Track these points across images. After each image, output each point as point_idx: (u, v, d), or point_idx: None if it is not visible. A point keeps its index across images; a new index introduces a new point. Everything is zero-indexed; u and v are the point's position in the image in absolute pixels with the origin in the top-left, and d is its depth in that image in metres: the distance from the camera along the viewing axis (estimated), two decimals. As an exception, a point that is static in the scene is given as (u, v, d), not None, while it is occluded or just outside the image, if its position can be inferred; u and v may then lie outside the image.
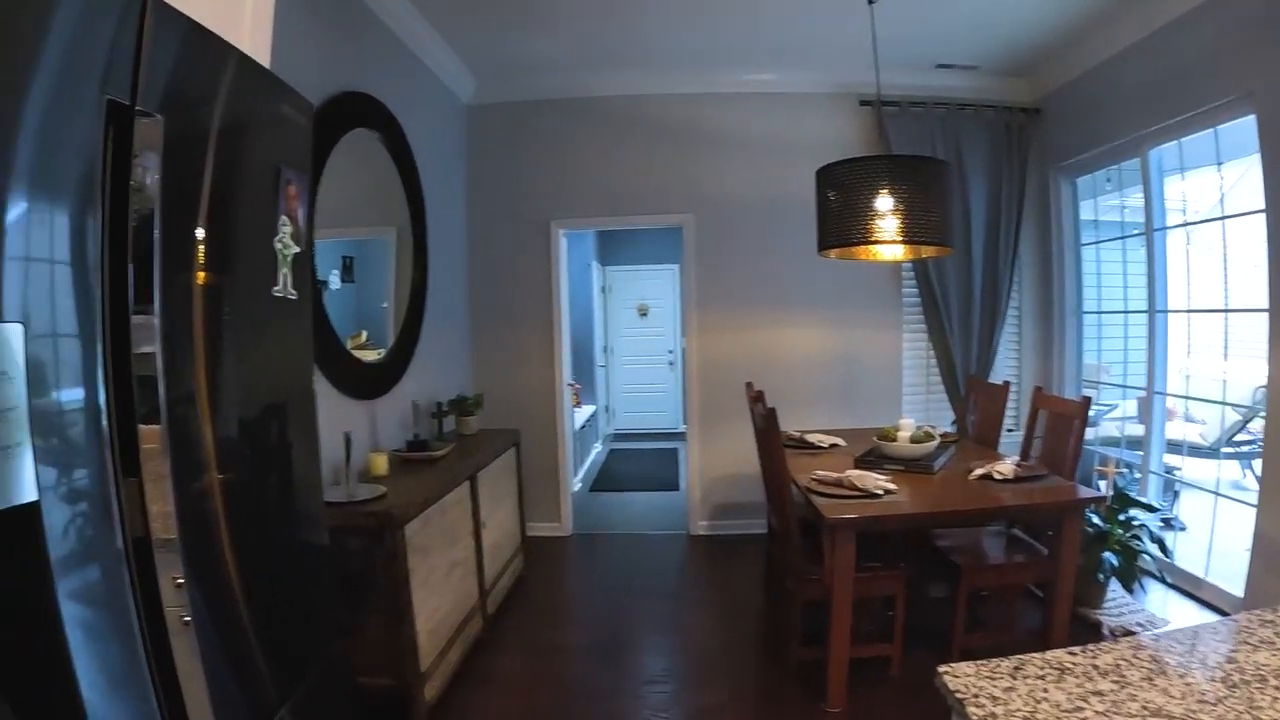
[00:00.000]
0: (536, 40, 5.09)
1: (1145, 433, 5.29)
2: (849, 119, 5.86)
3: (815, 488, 3.46)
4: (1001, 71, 5.88)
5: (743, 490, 5.92)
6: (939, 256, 4.77)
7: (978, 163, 5.86)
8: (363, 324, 4.15)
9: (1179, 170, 5.01)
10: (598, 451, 9.97)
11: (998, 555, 3.80)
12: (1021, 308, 6.23)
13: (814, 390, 5.99)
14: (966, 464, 3.88)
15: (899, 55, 5.16)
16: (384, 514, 2.96)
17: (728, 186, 5.94)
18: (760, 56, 5.55)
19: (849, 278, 5.87)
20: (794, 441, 4.52)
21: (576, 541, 6.00)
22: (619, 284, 11.24)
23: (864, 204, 3.52)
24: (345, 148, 3.71)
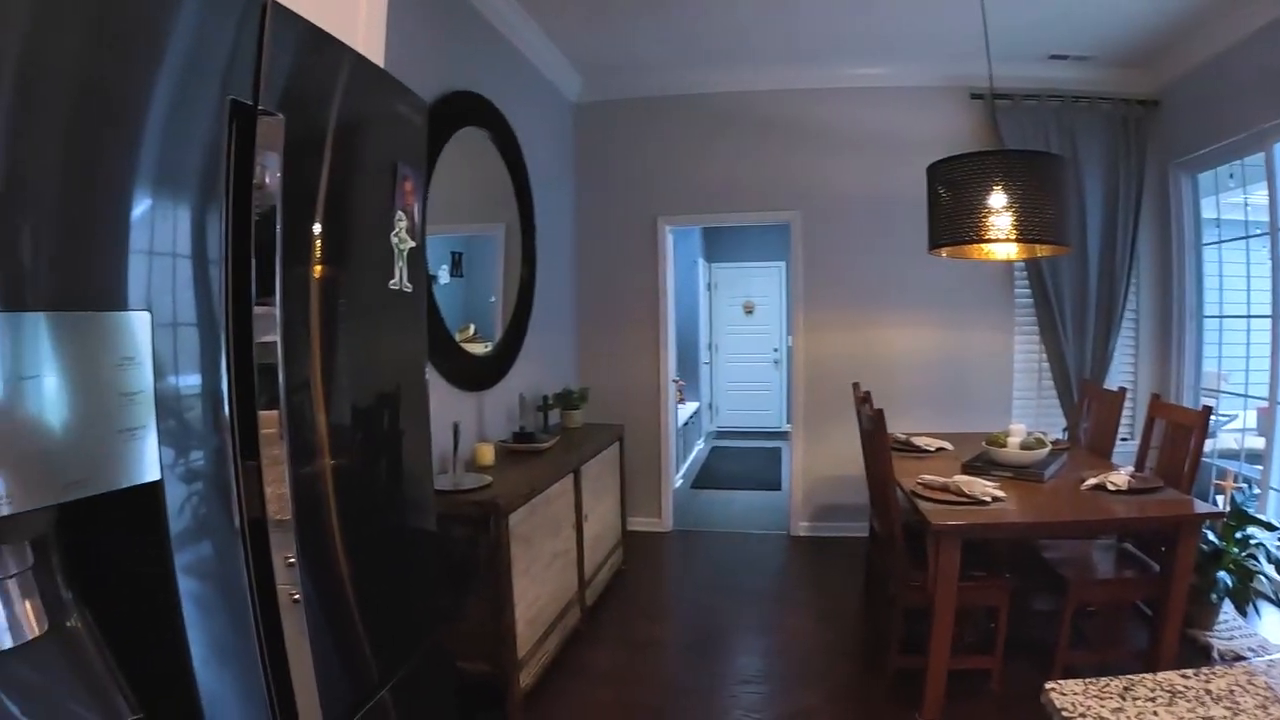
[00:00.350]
0: (643, 38, 5.13)
1: (1266, 446, 4.95)
2: (960, 113, 5.70)
3: (921, 492, 3.37)
4: (1118, 62, 5.57)
5: (845, 492, 5.84)
6: (1054, 256, 4.58)
7: (1093, 158, 5.61)
8: (471, 318, 4.25)
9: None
10: (700, 449, 9.97)
11: (1107, 570, 3.64)
12: (1139, 310, 5.92)
13: (921, 392, 5.85)
14: (1078, 473, 3.72)
15: (1011, 46, 4.97)
16: (489, 503, 3.03)
17: (835, 183, 5.86)
18: (868, 49, 5.44)
19: (959, 277, 5.71)
20: (900, 444, 4.42)
21: (676, 538, 6.02)
22: (725, 281, 11.21)
23: (976, 201, 3.41)
24: (455, 145, 3.80)
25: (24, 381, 0.83)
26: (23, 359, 0.82)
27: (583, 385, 5.33)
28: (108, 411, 0.92)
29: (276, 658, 1.25)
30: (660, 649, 4.06)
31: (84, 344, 0.89)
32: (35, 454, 0.84)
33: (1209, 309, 5.72)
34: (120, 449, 0.94)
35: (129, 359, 0.94)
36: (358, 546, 1.53)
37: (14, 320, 0.82)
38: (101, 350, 0.91)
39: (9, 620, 0.89)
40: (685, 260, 9.54)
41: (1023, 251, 3.94)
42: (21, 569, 0.92)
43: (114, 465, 0.93)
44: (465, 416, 3.90)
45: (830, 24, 5.00)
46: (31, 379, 0.83)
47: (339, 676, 1.43)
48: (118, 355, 0.93)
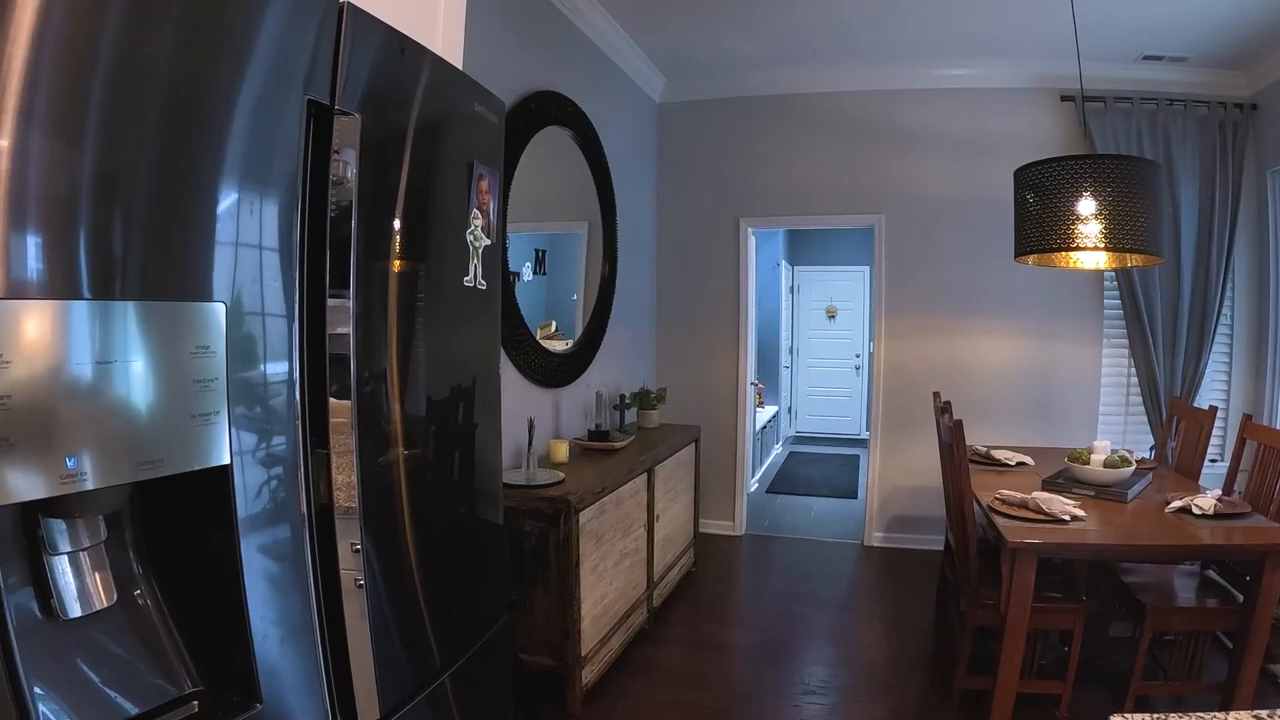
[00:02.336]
0: (726, 38, 5.12)
1: None
2: (1049, 116, 5.52)
3: (998, 507, 3.28)
4: (1215, 63, 5.30)
5: (922, 504, 5.73)
6: (1146, 266, 4.40)
7: (1188, 164, 5.35)
8: (552, 315, 4.31)
9: None
10: (777, 453, 9.90)
11: (1188, 597, 3.46)
12: (1233, 325, 5.63)
13: (1003, 404, 5.70)
14: (1163, 494, 3.57)
15: (1102, 46, 4.82)
16: (560, 499, 3.07)
17: (920, 187, 5.74)
18: (955, 49, 5.32)
19: (1046, 286, 5.55)
20: (980, 457, 4.32)
21: (748, 542, 5.99)
22: (807, 284, 11.11)
23: (1065, 207, 3.30)
24: (539, 144, 3.86)
25: (106, 366, 0.88)
26: (107, 345, 0.88)
27: (660, 385, 5.36)
28: (183, 397, 0.97)
29: (337, 641, 1.29)
30: (726, 652, 4.05)
31: (163, 333, 0.94)
32: (113, 434, 0.89)
33: None
34: (193, 433, 0.98)
35: (204, 348, 0.99)
36: (426, 536, 1.57)
37: (101, 309, 0.87)
38: (179, 339, 0.96)
39: (79, 590, 0.94)
40: (767, 262, 9.48)
41: (1113, 261, 3.81)
42: (94, 542, 0.97)
43: (187, 448, 0.98)
44: (541, 413, 3.95)
45: (918, 23, 4.91)
46: (113, 364, 0.88)
47: (400, 662, 1.47)
48: (193, 344, 0.98)
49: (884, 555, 5.69)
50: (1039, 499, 3.25)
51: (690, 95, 5.97)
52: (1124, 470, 3.66)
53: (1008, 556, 3.01)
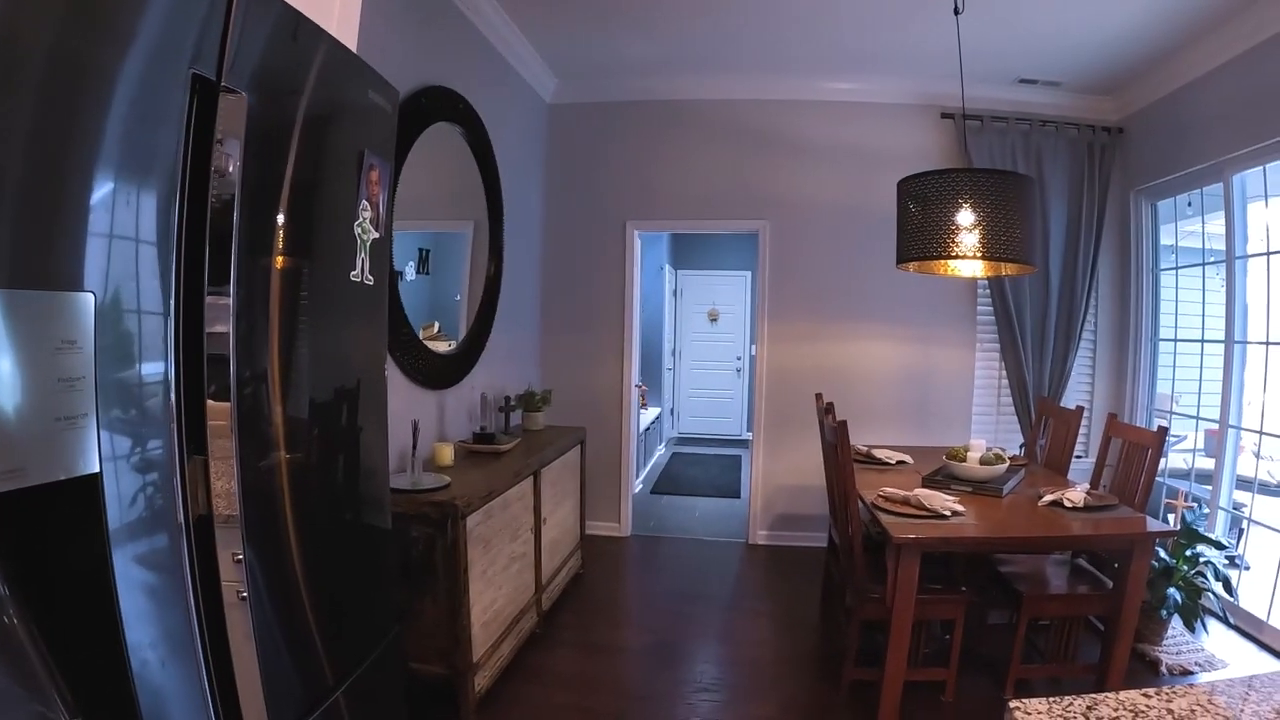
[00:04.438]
0: (619, 42, 5.11)
1: (1215, 467, 5.08)
2: (930, 131, 5.76)
3: (882, 505, 3.37)
4: (1085, 89, 5.71)
5: (805, 502, 5.86)
6: (1019, 275, 4.61)
7: (1058, 181, 5.71)
8: (436, 315, 4.20)
9: (1262, 197, 4.84)
10: (661, 454, 9.96)
11: (1060, 585, 3.65)
12: (1097, 331, 6.05)
13: (882, 405, 5.89)
14: (1036, 489, 3.76)
15: (982, 68, 5.07)
16: (447, 504, 2.98)
17: (806, 194, 5.88)
18: (843, 64, 5.48)
19: (924, 292, 5.77)
20: (861, 456, 4.42)
21: (635, 543, 5.98)
22: (690, 288, 11.23)
23: (946, 217, 3.43)
24: (428, 140, 3.75)
25: (-45, 363, 0.78)
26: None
27: (546, 387, 5.29)
28: (46, 398, 0.87)
29: (221, 658, 1.20)
30: (617, 654, 4.03)
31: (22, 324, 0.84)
32: (-35, 440, 0.79)
33: (1164, 332, 5.84)
34: (59, 438, 0.89)
35: (70, 343, 0.90)
36: (312, 545, 1.49)
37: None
38: (41, 332, 0.86)
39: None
40: (651, 266, 9.53)
41: (989, 269, 3.97)
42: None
43: (52, 455, 0.88)
44: (425, 415, 3.84)
45: (808, 38, 5.03)
46: (-37, 360, 0.79)
47: (290, 678, 1.38)
48: (58, 338, 0.88)
49: (769, 553, 5.77)
50: (921, 495, 3.36)
51: (582, 97, 5.94)
52: (999, 467, 3.82)
53: (893, 552, 3.09)
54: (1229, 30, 4.59)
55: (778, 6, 4.56)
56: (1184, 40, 4.82)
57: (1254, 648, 4.24)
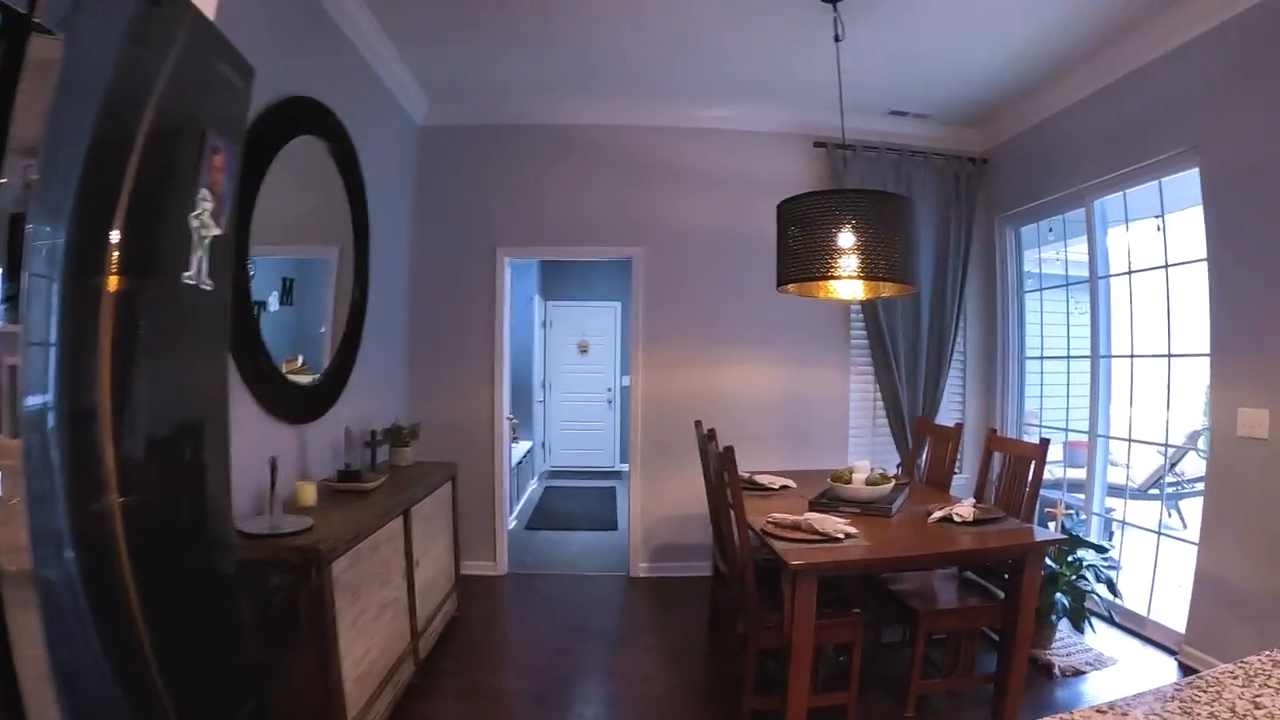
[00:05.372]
0: (493, 62, 4.98)
1: (1087, 475, 5.36)
2: (804, 159, 5.87)
3: (773, 531, 3.28)
4: (953, 121, 5.99)
5: (686, 532, 5.76)
6: (899, 295, 4.65)
7: (927, 208, 5.90)
8: (299, 348, 3.91)
9: (1123, 221, 5.09)
10: (534, 488, 9.74)
11: (952, 599, 3.67)
12: (966, 351, 6.29)
13: (760, 430, 5.87)
14: (923, 506, 3.79)
15: (854, 99, 5.15)
16: (309, 549, 2.70)
17: (681, 221, 5.86)
18: (721, 92, 5.53)
19: (799, 316, 5.82)
20: (744, 483, 4.31)
21: (512, 581, 5.74)
22: (560, 319, 11.10)
23: (826, 239, 3.42)
24: (292, 155, 3.48)
25: None
26: None
27: (414, 421, 5.02)
28: None
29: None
30: (501, 700, 3.78)
31: None
32: None
33: (1032, 350, 6.08)
34: None
35: None
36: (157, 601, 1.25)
37: None
38: None
39: None
40: (522, 296, 9.35)
41: (869, 291, 4.01)
42: None
43: None
44: (286, 451, 3.54)
45: (688, 65, 5.04)
46: None
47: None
48: None
49: (651, 585, 5.63)
50: (811, 520, 3.29)
51: (455, 119, 5.74)
52: (884, 486, 3.83)
53: (789, 579, 3.01)
54: (1087, 68, 4.88)
55: (656, 32, 4.55)
56: (1045, 77, 5.10)
57: (1138, 643, 4.47)
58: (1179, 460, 7.81)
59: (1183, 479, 8.16)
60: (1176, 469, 7.88)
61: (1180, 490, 7.95)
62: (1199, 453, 8.48)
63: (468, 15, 4.35)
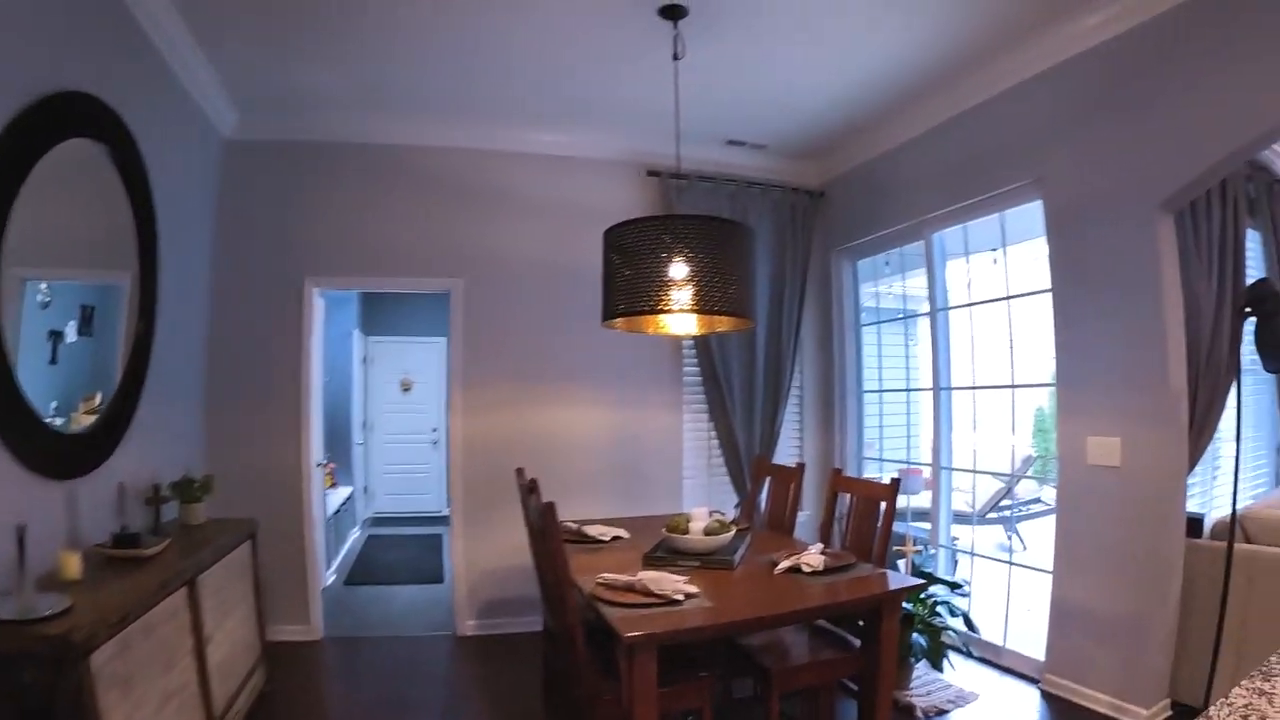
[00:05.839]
0: (309, 74, 4.58)
1: (933, 506, 5.39)
2: (636, 188, 5.71)
3: (604, 595, 2.93)
4: (790, 153, 6.00)
5: (516, 584, 5.39)
6: (736, 330, 4.46)
7: (763, 242, 5.85)
8: (99, 385, 3.36)
9: (963, 254, 5.17)
10: (355, 538, 9.10)
11: (804, 652, 3.43)
12: (803, 387, 6.25)
13: (590, 475, 5.60)
14: (768, 555, 3.56)
15: (691, 127, 5.07)
16: (60, 638, 2.15)
17: (505, 251, 5.55)
18: (551, 116, 5.29)
19: (629, 352, 5.63)
20: (571, 535, 3.99)
21: (330, 647, 5.16)
22: (382, 356, 10.55)
23: (657, 269, 3.18)
24: (66, 163, 2.93)
25: None
26: None
27: (208, 472, 4.41)
28: None
29: None
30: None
31: None
32: None
33: (869, 384, 6.13)
34: None
35: None
36: None
37: None
38: None
39: None
40: (339, 331, 8.75)
41: (702, 325, 3.79)
42: None
43: None
44: (48, 514, 2.93)
45: (511, 83, 4.77)
46: None
47: None
48: None
49: (480, 645, 5.21)
50: (646, 580, 2.97)
51: (265, 133, 5.20)
52: (724, 535, 3.57)
53: (625, 653, 2.65)
54: (930, 102, 4.97)
55: (482, 45, 4.26)
56: (887, 110, 5.15)
57: (996, 673, 4.49)
58: (1014, 486, 8.12)
59: (1018, 503, 8.49)
60: (1013, 493, 8.19)
61: (1017, 514, 8.26)
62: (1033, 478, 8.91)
63: (278, 19, 3.92)
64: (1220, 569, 3.63)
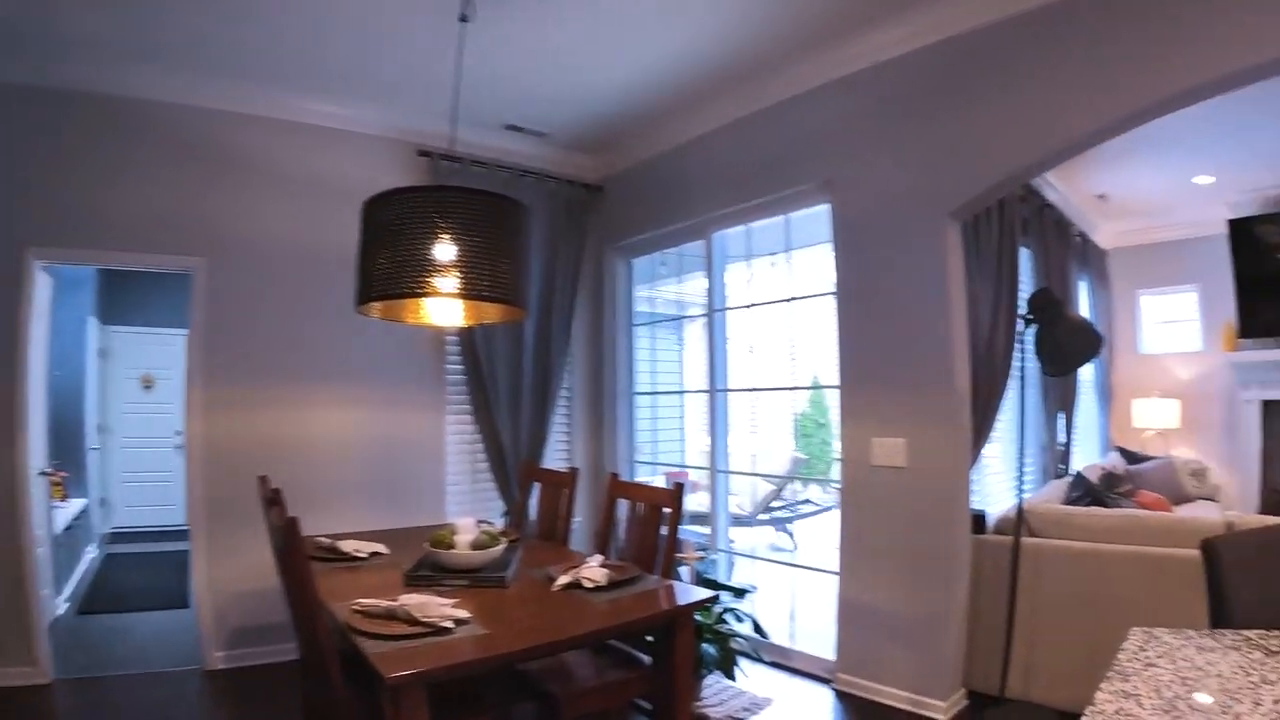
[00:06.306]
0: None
1: (711, 510, 5.35)
2: (406, 169, 5.25)
3: (361, 625, 2.47)
4: (570, 145, 5.79)
5: (269, 608, 4.65)
6: (504, 322, 3.95)
7: (538, 235, 5.57)
8: None
9: (745, 257, 5.25)
10: (92, 557, 7.97)
11: (591, 673, 3.15)
12: (573, 388, 6.03)
13: (347, 483, 5.07)
14: (543, 569, 3.24)
15: (469, 109, 4.79)
16: None
17: (254, 230, 4.91)
18: (321, 82, 4.77)
19: (389, 346, 5.19)
20: (325, 551, 3.51)
21: (62, 691, 4.31)
22: (122, 348, 9.37)
23: (421, 247, 2.77)
24: None
25: None
26: None
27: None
28: None
29: None
30: None
31: None
32: None
33: (641, 386, 6.08)
34: None
35: None
36: None
37: None
38: None
39: None
40: (71, 317, 7.60)
41: (470, 314, 3.37)
42: None
43: None
44: None
45: (283, 42, 4.21)
46: None
47: None
48: None
49: (232, 681, 4.55)
50: (410, 605, 2.53)
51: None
52: (495, 549, 3.20)
53: (389, 696, 2.20)
54: (717, 103, 4.95)
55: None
56: (673, 107, 5.07)
57: (788, 676, 4.49)
58: (783, 487, 8.30)
59: (790, 503, 8.69)
60: (783, 494, 8.37)
61: (789, 514, 8.44)
62: (802, 479, 9.13)
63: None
64: (1005, 562, 3.84)
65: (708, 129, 5.12)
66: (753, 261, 5.25)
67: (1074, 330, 3.74)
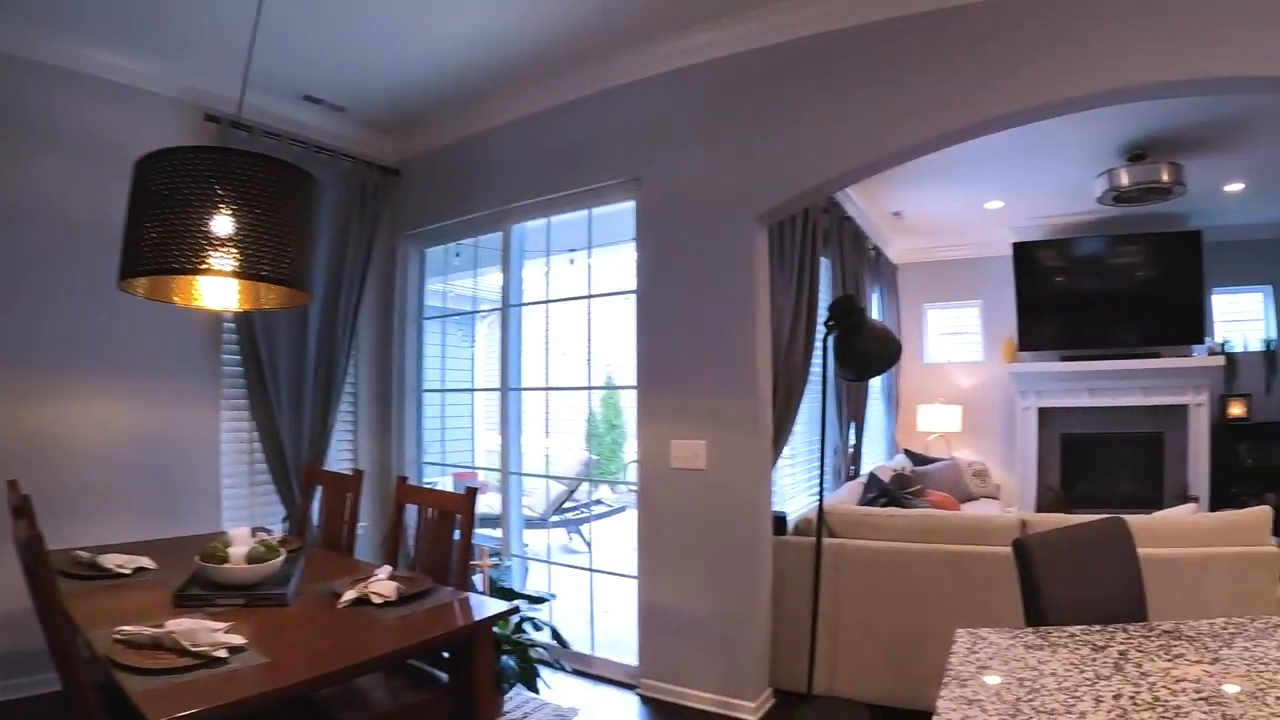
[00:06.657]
0: None
1: (504, 516, 5.18)
2: (191, 134, 4.59)
3: (124, 658, 2.12)
4: (370, 122, 5.45)
5: (30, 632, 3.94)
6: (286, 307, 3.37)
7: (326, 217, 5.15)
8: None
9: (544, 253, 5.13)
10: None
11: (384, 695, 2.91)
12: (358, 383, 5.66)
13: (111, 487, 4.41)
14: (328, 583, 2.94)
15: (265, 73, 4.40)
16: None
17: (16, 193, 4.17)
18: (94, 23, 4.09)
19: (158, 331, 4.57)
20: (84, 567, 3.06)
21: None
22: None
23: (197, 217, 2.41)
24: None
25: None
26: None
27: None
28: None
29: None
30: None
31: None
32: None
33: (430, 383, 5.85)
34: None
35: None
36: None
37: None
38: None
39: None
40: None
41: (247, 297, 3.01)
42: None
43: None
44: None
45: None
46: None
47: None
48: None
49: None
50: (178, 632, 2.19)
51: None
52: (273, 562, 2.86)
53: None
54: (526, 90, 4.81)
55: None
56: (479, 91, 4.88)
57: (590, 683, 4.40)
58: (575, 488, 8.18)
59: (581, 504, 8.59)
60: (575, 495, 8.26)
61: (581, 516, 8.35)
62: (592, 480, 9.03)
63: None
64: (806, 562, 3.92)
65: (515, 116, 4.94)
66: (552, 258, 5.15)
67: (874, 337, 3.85)
